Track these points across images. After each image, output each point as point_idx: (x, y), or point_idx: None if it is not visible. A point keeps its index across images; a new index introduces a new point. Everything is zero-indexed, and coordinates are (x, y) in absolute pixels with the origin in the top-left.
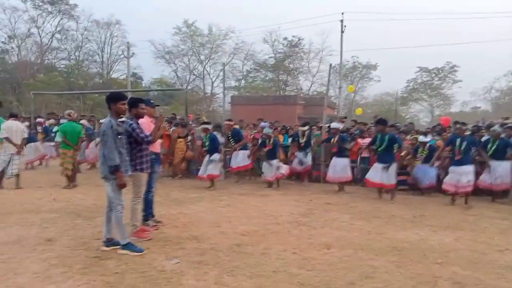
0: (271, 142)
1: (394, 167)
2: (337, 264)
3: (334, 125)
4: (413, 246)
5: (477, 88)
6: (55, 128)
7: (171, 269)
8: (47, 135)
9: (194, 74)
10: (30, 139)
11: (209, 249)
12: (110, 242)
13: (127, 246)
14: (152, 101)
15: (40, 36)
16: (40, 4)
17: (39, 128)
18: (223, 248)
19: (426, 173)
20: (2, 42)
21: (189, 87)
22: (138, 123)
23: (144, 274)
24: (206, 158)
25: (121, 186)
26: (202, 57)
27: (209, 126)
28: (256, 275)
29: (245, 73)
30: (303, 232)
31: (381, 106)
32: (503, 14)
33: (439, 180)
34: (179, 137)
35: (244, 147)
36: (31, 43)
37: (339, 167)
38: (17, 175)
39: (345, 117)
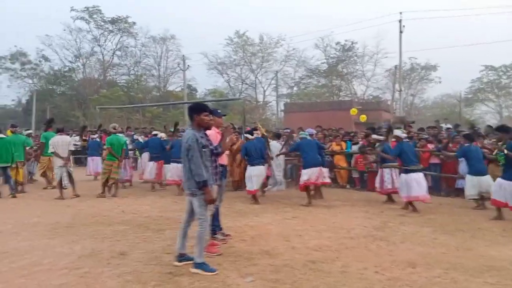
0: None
1: None
2: (428, 286)
3: (397, 133)
4: None
5: None
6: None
7: None
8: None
9: (246, 84)
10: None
11: (282, 266)
12: (182, 258)
13: (201, 265)
14: (219, 111)
15: (103, 54)
16: (102, 24)
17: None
18: (298, 265)
19: None
20: (69, 61)
21: (241, 97)
22: (206, 134)
23: None
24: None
25: (210, 201)
26: (253, 66)
27: (250, 136)
28: None
29: (297, 80)
30: (382, 248)
31: (442, 108)
32: None
33: None
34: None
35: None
36: (94, 61)
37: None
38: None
39: (413, 122)
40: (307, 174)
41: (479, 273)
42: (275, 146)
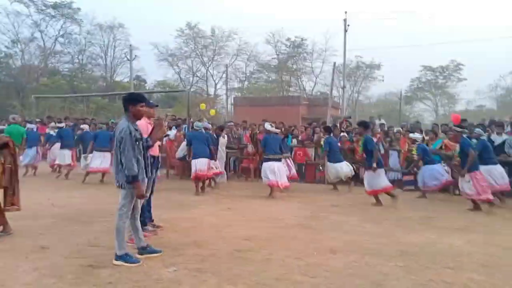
0: None
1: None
2: (344, 270)
3: (266, 126)
4: (423, 250)
5: (482, 86)
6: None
7: (168, 278)
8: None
9: (197, 76)
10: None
11: (209, 256)
12: (144, 250)
13: (123, 257)
14: (151, 102)
15: (43, 40)
16: (43, 8)
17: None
18: (224, 254)
19: (432, 174)
20: (6, 46)
21: (192, 89)
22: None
23: (139, 284)
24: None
25: (140, 196)
26: (205, 59)
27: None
28: (257, 284)
29: (248, 74)
30: (308, 236)
31: (385, 106)
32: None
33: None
34: None
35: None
36: (34, 47)
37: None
38: None
39: (350, 117)
40: (195, 165)
41: (392, 257)
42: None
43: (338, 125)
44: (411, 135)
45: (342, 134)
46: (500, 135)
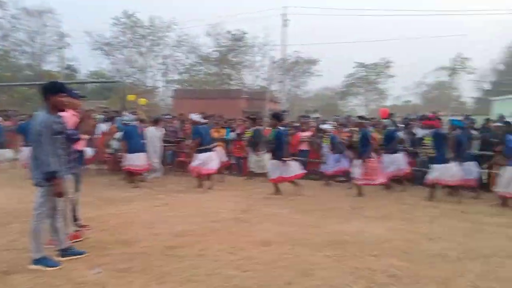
0: None
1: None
2: (275, 262)
3: (194, 117)
4: (351, 239)
5: (409, 82)
6: None
7: (91, 281)
8: None
9: (134, 67)
10: None
11: (139, 254)
12: (66, 252)
13: (40, 261)
14: (76, 92)
15: None
16: None
17: None
18: (155, 252)
19: (334, 161)
20: None
21: (129, 81)
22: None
23: None
24: None
25: (59, 194)
26: (143, 50)
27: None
28: (188, 281)
29: (188, 67)
30: (242, 229)
31: (322, 100)
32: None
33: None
34: None
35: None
36: None
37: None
38: None
39: (285, 111)
40: (131, 159)
41: (321, 247)
42: (153, 132)
43: None
44: (321, 125)
45: None
46: (423, 129)
